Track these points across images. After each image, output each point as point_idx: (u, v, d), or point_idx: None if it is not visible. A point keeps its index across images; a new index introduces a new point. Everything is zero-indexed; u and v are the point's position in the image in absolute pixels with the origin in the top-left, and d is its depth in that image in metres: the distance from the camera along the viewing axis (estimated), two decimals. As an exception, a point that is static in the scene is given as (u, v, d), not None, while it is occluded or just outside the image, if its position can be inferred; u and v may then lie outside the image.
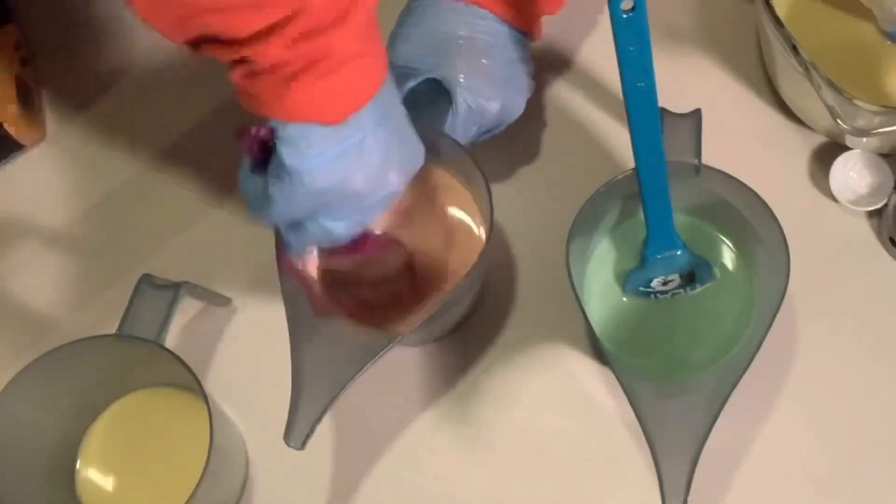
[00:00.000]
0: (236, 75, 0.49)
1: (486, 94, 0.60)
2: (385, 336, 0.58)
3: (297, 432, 0.55)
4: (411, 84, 0.61)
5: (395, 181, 0.53)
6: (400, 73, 0.61)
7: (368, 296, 0.63)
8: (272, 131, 0.50)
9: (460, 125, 0.61)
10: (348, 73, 0.49)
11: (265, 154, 0.52)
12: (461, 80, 0.60)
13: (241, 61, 0.48)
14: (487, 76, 0.60)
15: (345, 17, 0.48)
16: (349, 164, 0.51)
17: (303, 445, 0.55)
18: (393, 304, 0.62)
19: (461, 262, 0.62)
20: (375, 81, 0.51)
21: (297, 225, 0.54)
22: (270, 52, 0.47)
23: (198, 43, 0.48)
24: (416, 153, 0.55)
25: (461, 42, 0.60)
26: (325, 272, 0.63)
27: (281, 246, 0.58)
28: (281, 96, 0.48)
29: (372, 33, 0.50)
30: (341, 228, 0.54)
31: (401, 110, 0.54)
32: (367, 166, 0.51)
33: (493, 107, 0.61)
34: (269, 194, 0.51)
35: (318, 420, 0.55)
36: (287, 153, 0.50)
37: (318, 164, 0.50)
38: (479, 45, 0.61)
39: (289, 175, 0.50)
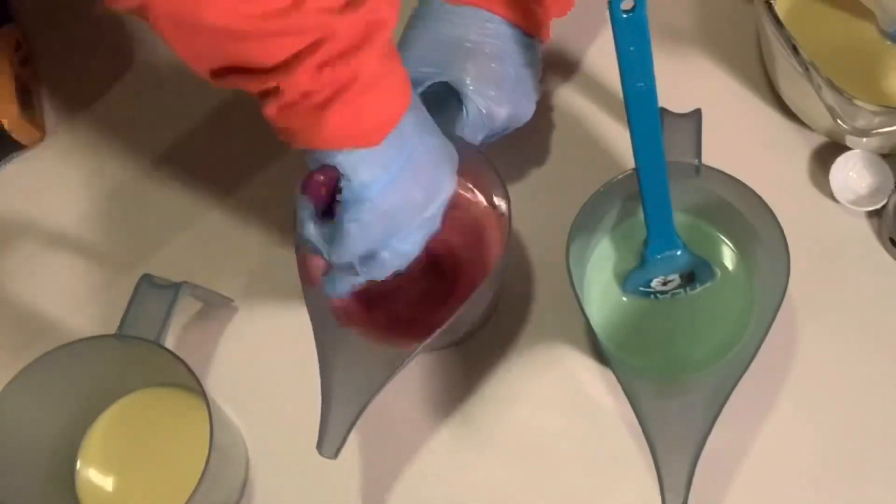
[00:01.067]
0: (270, 110, 0.49)
1: (496, 98, 0.60)
2: (407, 339, 0.58)
3: (329, 442, 0.55)
4: (421, 88, 0.61)
5: (448, 182, 0.54)
6: (410, 77, 0.61)
7: (389, 304, 0.63)
8: (335, 171, 0.51)
9: (469, 129, 0.61)
10: (379, 93, 0.49)
11: (331, 198, 0.52)
12: (471, 84, 0.60)
13: (270, 93, 0.48)
14: (497, 81, 0.60)
15: (367, 39, 0.48)
16: (408, 178, 0.52)
17: (336, 455, 0.55)
18: (412, 310, 0.63)
19: (478, 267, 0.62)
20: (406, 95, 0.51)
21: (368, 258, 0.54)
22: (298, 81, 0.47)
23: (222, 73, 0.48)
24: (451, 147, 0.56)
25: (470, 46, 0.60)
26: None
27: (302, 257, 0.58)
28: (318, 125, 0.49)
29: (392, 50, 0.51)
30: (413, 246, 0.54)
31: (426, 113, 0.55)
32: (423, 176, 0.52)
33: (503, 111, 0.61)
34: (343, 231, 0.52)
35: (350, 429, 0.55)
36: (352, 184, 0.50)
37: (382, 185, 0.51)
38: (488, 49, 0.61)
39: (359, 205, 0.51)
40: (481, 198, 0.64)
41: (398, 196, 0.52)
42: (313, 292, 0.59)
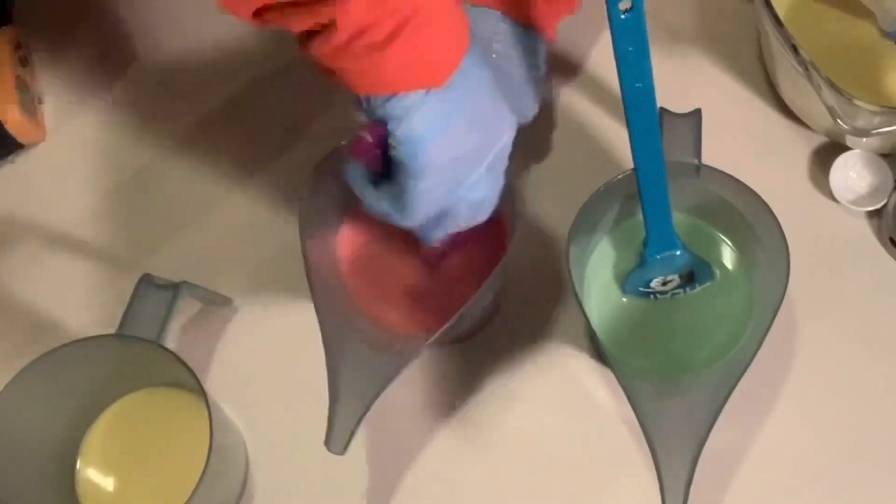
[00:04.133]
0: (318, 50, 0.44)
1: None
2: (412, 336, 0.58)
3: (336, 438, 0.55)
4: None
5: (508, 116, 0.51)
6: None
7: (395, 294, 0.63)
8: (382, 129, 0.46)
9: None
10: (440, 27, 0.45)
11: (384, 157, 0.48)
12: None
13: (320, 31, 0.44)
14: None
15: None
16: (462, 122, 0.47)
17: (344, 451, 0.55)
18: (417, 307, 0.63)
19: (479, 266, 0.62)
20: (466, 29, 0.47)
21: (443, 216, 0.51)
22: (352, 11, 0.42)
23: (267, 8, 0.44)
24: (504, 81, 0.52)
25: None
26: (357, 272, 0.63)
27: (307, 252, 0.58)
28: (376, 66, 0.44)
29: None
30: (488, 192, 0.51)
31: (477, 48, 0.50)
32: (482, 115, 0.49)
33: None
34: (409, 197, 0.48)
35: (358, 424, 0.55)
36: (405, 140, 0.46)
37: (438, 133, 0.46)
38: (496, 47, 0.61)
39: (419, 164, 0.46)
40: None
41: (458, 141, 0.47)
42: (321, 291, 0.59)
